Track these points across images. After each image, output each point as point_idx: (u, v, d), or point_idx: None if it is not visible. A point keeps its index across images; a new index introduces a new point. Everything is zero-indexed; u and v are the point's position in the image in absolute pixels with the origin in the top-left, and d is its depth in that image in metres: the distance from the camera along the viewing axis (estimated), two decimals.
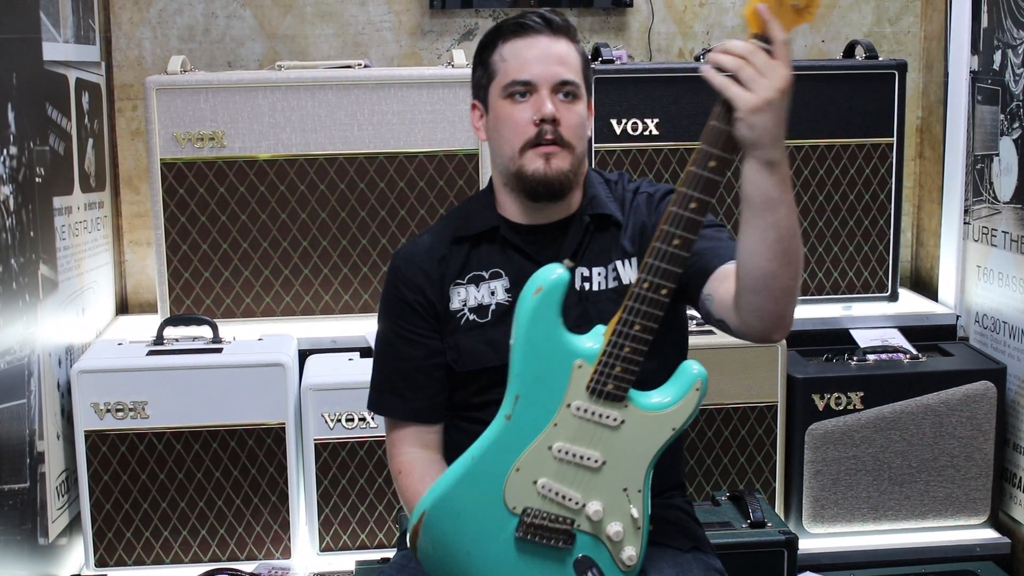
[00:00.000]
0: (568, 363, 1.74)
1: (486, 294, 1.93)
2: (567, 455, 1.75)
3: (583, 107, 1.89)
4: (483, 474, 1.77)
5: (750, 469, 2.98)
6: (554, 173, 1.85)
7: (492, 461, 1.77)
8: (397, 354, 1.97)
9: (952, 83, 3.33)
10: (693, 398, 1.74)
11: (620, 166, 3.13)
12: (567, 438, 1.75)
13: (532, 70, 1.85)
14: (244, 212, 3.07)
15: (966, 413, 2.98)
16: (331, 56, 3.44)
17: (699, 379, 1.75)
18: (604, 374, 1.72)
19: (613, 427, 1.74)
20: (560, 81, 1.86)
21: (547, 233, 1.93)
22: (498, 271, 1.93)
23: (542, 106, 1.84)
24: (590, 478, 1.75)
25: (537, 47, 1.86)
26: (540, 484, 1.76)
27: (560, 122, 1.84)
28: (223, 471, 2.81)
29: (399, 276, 1.97)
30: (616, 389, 1.72)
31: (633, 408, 1.73)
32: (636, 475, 1.75)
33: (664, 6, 3.53)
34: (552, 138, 1.84)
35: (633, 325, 1.70)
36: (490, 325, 1.92)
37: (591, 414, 1.74)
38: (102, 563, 2.81)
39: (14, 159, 2.51)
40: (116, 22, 3.40)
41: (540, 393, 1.75)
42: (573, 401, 1.74)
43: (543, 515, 1.76)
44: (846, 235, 3.25)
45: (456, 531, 1.79)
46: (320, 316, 3.12)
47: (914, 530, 3.01)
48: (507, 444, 1.76)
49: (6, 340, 2.45)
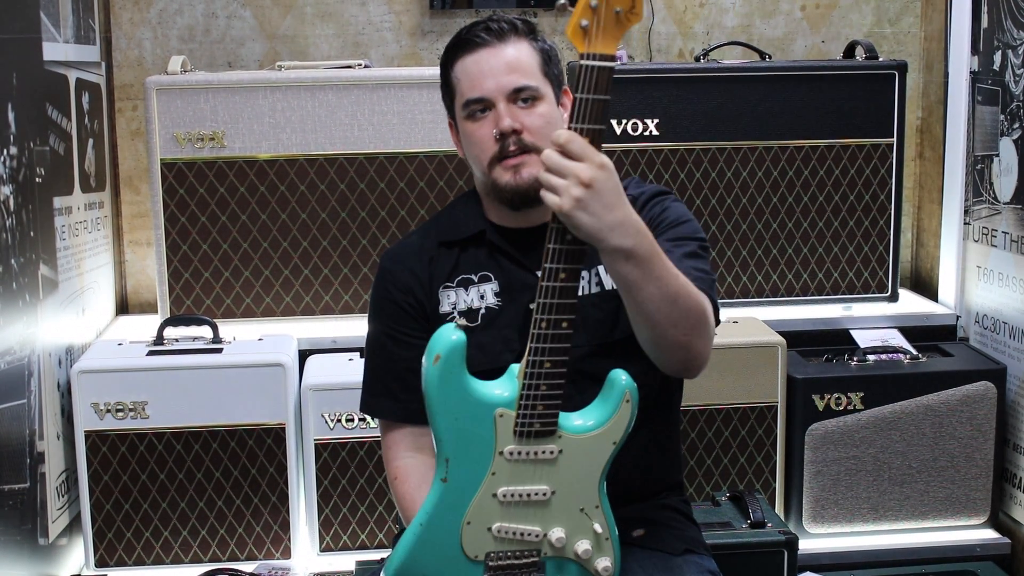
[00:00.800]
0: (488, 415, 1.73)
1: (475, 298, 1.93)
2: (513, 496, 1.75)
3: (546, 107, 1.86)
4: (435, 536, 1.77)
5: (750, 469, 2.98)
6: (525, 182, 1.83)
7: (441, 522, 1.77)
8: (389, 355, 1.97)
9: (952, 83, 3.33)
10: (626, 411, 1.72)
11: (620, 166, 3.12)
12: (508, 482, 1.74)
13: (483, 86, 1.83)
14: (244, 212, 3.07)
15: (966, 413, 2.98)
16: (331, 56, 3.44)
17: (627, 391, 1.72)
18: (528, 416, 1.72)
19: (552, 459, 1.73)
20: (513, 89, 1.83)
21: (533, 236, 1.91)
22: (487, 274, 1.93)
23: (500, 120, 1.82)
24: (544, 510, 1.75)
25: (485, 61, 1.84)
26: (495, 529, 1.76)
27: (522, 129, 1.82)
28: (223, 471, 2.81)
29: (388, 277, 1.97)
30: (544, 426, 1.72)
31: (567, 436, 1.73)
32: (589, 494, 1.75)
33: (664, 6, 3.53)
34: (515, 149, 1.83)
35: (543, 364, 1.70)
36: (480, 329, 1.91)
37: (526, 455, 1.73)
38: (102, 563, 2.81)
39: (14, 159, 2.51)
40: (116, 22, 3.40)
41: (469, 450, 1.75)
42: (504, 448, 1.74)
43: (506, 555, 1.76)
44: (846, 235, 3.25)
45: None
46: (320, 316, 3.12)
47: (914, 530, 3.01)
48: (450, 504, 1.76)
49: (6, 340, 2.45)
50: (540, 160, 1.63)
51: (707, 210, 3.18)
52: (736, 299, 3.21)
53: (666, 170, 3.15)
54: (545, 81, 1.87)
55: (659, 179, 3.14)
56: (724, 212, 3.19)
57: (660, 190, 1.97)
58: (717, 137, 3.16)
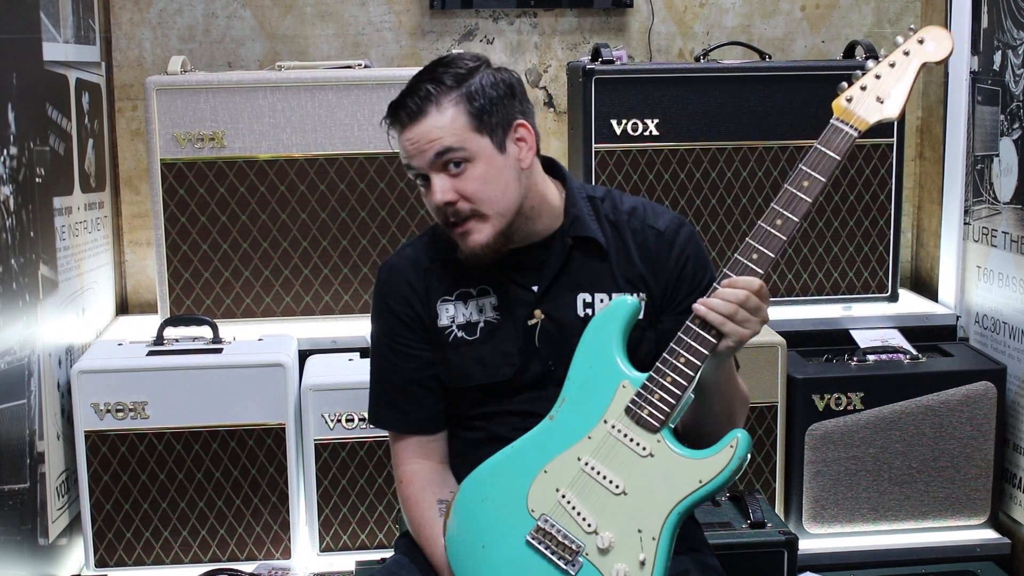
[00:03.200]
0: (616, 381, 1.77)
1: (474, 311, 1.93)
2: (593, 471, 1.75)
3: (481, 166, 1.80)
4: (516, 466, 1.80)
5: (750, 469, 2.98)
6: (475, 248, 1.83)
7: (526, 456, 1.80)
8: (391, 367, 1.97)
9: (952, 83, 3.33)
10: (727, 454, 1.70)
11: (620, 166, 3.13)
12: (597, 454, 1.75)
13: (412, 160, 1.82)
14: (244, 212, 3.07)
15: (966, 413, 2.98)
16: (331, 56, 3.44)
17: (736, 436, 1.71)
18: (643, 398, 1.74)
19: (641, 456, 1.73)
20: (435, 155, 1.80)
21: (528, 255, 1.91)
22: (485, 288, 1.92)
23: (432, 195, 1.81)
24: (609, 505, 1.74)
25: (409, 138, 1.82)
26: (561, 494, 1.76)
27: (456, 199, 1.80)
28: (223, 471, 2.81)
29: (386, 289, 1.96)
30: (651, 417, 1.73)
31: (665, 444, 1.73)
32: (654, 520, 1.71)
33: (664, 6, 3.53)
34: (454, 220, 1.82)
35: (679, 356, 1.73)
36: (479, 343, 1.91)
37: (623, 436, 1.74)
38: (102, 563, 2.81)
39: (14, 159, 2.51)
40: (116, 22, 3.40)
41: (584, 402, 1.78)
42: (611, 419, 1.75)
43: (557, 527, 1.76)
44: (846, 235, 3.25)
45: (479, 517, 1.81)
46: (320, 316, 3.12)
47: (914, 530, 3.01)
48: (543, 443, 1.79)
49: (6, 340, 2.45)
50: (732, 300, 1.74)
51: (707, 210, 3.18)
52: None
53: (666, 170, 3.15)
54: (478, 136, 1.81)
55: (659, 179, 3.14)
56: (724, 212, 3.19)
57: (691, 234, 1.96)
58: (717, 137, 3.16)
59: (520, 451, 1.81)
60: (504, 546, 1.78)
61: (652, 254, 1.91)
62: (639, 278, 1.91)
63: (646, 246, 1.92)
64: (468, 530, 1.82)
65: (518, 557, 1.77)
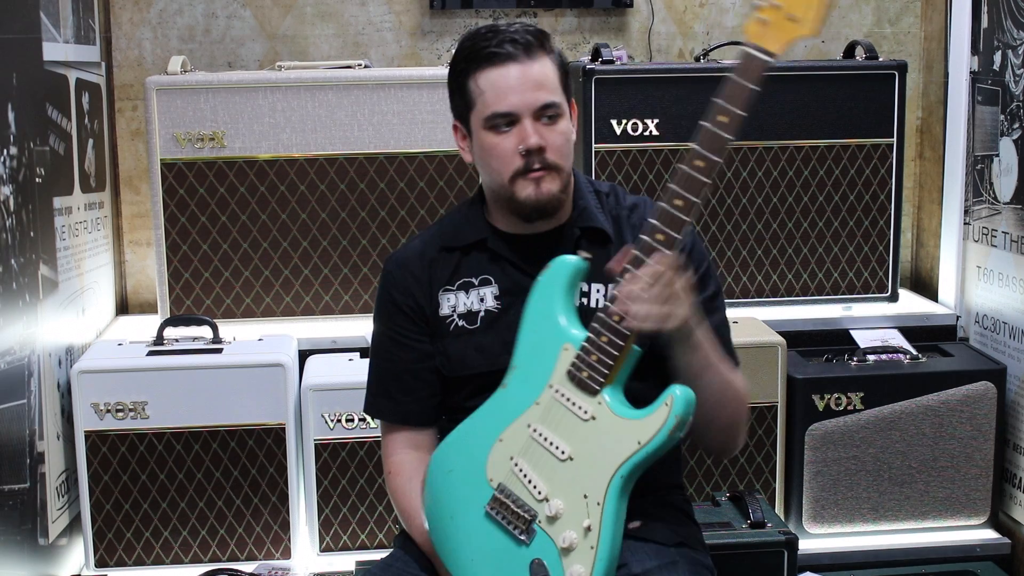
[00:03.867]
0: (559, 344, 1.75)
1: (475, 300, 1.94)
2: (541, 438, 1.75)
3: (566, 123, 1.87)
4: (475, 436, 1.81)
5: (750, 469, 2.98)
6: (545, 196, 1.85)
7: (484, 426, 1.80)
8: (389, 357, 2.00)
9: (952, 83, 3.33)
10: (661, 413, 1.67)
11: (620, 167, 3.13)
12: (544, 420, 1.75)
13: (511, 101, 1.83)
14: (244, 212, 3.07)
15: (966, 413, 2.98)
16: (331, 56, 3.44)
17: (672, 393, 1.67)
18: (582, 360, 1.73)
19: (584, 420, 1.72)
20: (541, 106, 1.83)
21: (536, 243, 1.92)
22: (487, 278, 1.94)
23: (527, 137, 1.82)
24: (557, 471, 1.73)
25: (512, 76, 1.83)
26: (514, 462, 1.76)
27: (546, 148, 1.83)
28: (223, 471, 2.81)
29: (390, 280, 1.99)
30: (590, 379, 1.72)
31: (605, 407, 1.71)
32: (598, 483, 1.70)
33: (664, 6, 3.53)
34: (539, 166, 1.83)
35: (613, 316, 1.71)
36: (479, 331, 1.93)
37: (566, 400, 1.74)
38: (102, 563, 2.81)
39: (14, 159, 2.51)
40: (116, 22, 3.40)
41: (532, 368, 1.78)
42: (555, 383, 1.75)
43: (512, 497, 1.76)
44: (846, 235, 3.25)
45: (446, 488, 1.83)
46: (320, 316, 3.13)
47: (914, 530, 3.01)
48: (499, 412, 1.79)
49: (6, 340, 2.45)
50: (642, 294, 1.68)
51: (707, 210, 3.18)
52: (736, 299, 3.21)
53: (666, 170, 3.15)
54: (563, 96, 1.88)
55: (659, 179, 3.14)
56: (724, 212, 3.19)
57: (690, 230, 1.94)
58: None
59: (479, 421, 1.82)
60: (468, 517, 1.80)
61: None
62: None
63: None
64: (438, 502, 1.84)
65: (480, 527, 1.78)
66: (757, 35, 1.65)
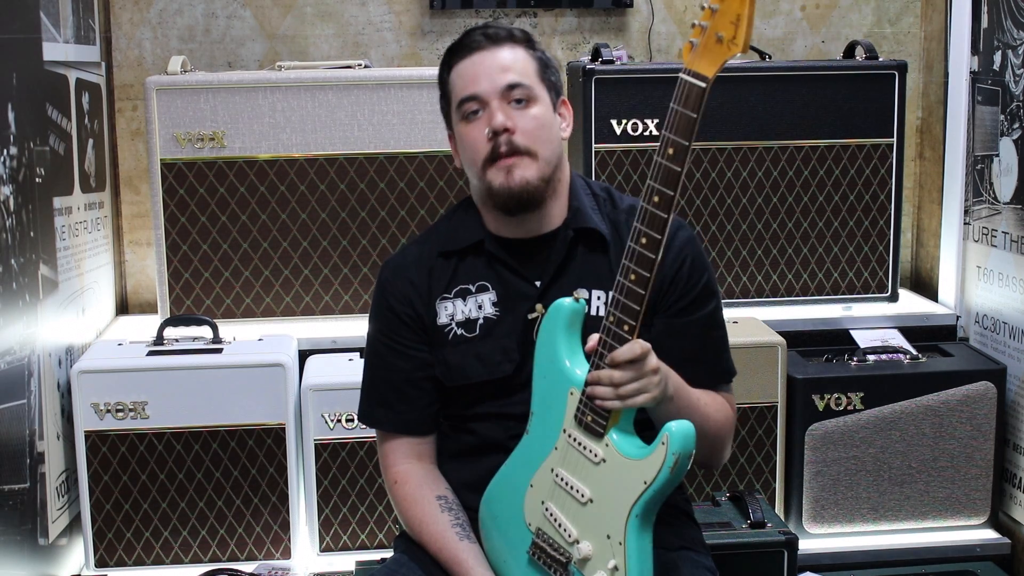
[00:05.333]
0: (565, 388, 1.76)
1: (473, 308, 1.93)
2: (563, 483, 1.77)
3: (540, 109, 1.86)
4: (511, 482, 1.84)
5: (750, 469, 2.98)
6: (517, 184, 1.82)
7: (517, 471, 1.83)
8: (387, 365, 1.97)
9: (952, 83, 3.33)
10: (660, 453, 1.66)
11: (620, 167, 3.13)
12: (564, 464, 1.77)
13: (477, 84, 1.84)
14: (244, 212, 3.07)
15: (966, 413, 2.98)
16: (331, 56, 3.44)
17: (667, 433, 1.66)
18: (585, 403, 1.73)
19: (595, 463, 1.73)
20: (506, 86, 1.83)
21: (531, 247, 1.91)
22: (484, 284, 1.92)
23: (492, 118, 1.82)
24: (581, 514, 1.75)
25: (480, 62, 1.85)
26: (546, 507, 1.79)
27: (514, 130, 1.82)
28: (223, 471, 2.81)
29: (387, 288, 1.96)
30: (594, 423, 1.73)
31: (612, 449, 1.72)
32: (617, 524, 1.71)
33: (664, 6, 3.53)
34: (506, 149, 1.82)
35: (603, 358, 1.71)
36: (478, 339, 1.91)
37: (579, 444, 1.75)
38: (102, 563, 2.81)
39: (14, 159, 2.51)
40: (116, 22, 3.40)
41: (547, 414, 1.79)
42: (568, 428, 1.76)
43: (549, 541, 1.79)
44: (846, 235, 3.25)
45: (496, 534, 1.87)
46: (320, 316, 3.13)
47: (914, 530, 3.01)
48: (527, 457, 1.82)
49: (6, 340, 2.45)
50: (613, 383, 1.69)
51: (707, 210, 3.18)
52: (736, 299, 3.21)
53: None
54: (540, 85, 1.87)
55: None
56: (724, 212, 3.19)
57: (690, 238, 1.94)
58: (717, 137, 3.16)
59: (512, 467, 1.84)
60: (517, 562, 1.84)
61: None
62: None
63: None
64: (492, 550, 1.88)
65: (527, 572, 1.82)
66: (690, 60, 1.63)
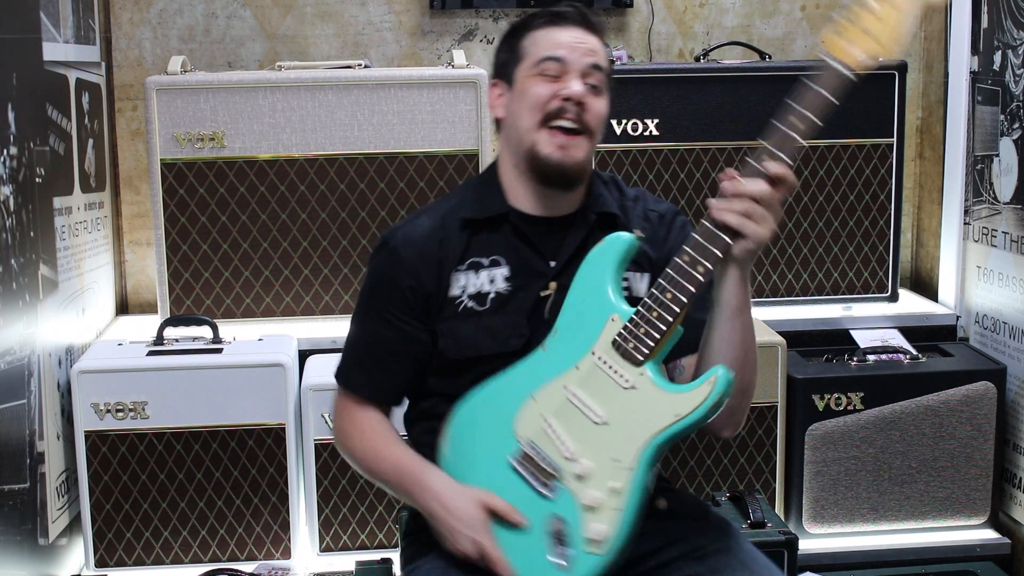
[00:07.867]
0: (606, 314, 1.79)
1: (485, 282, 1.92)
2: (577, 400, 1.78)
3: (605, 102, 1.92)
4: (506, 392, 1.85)
5: (750, 469, 2.98)
6: (570, 161, 1.87)
7: (517, 383, 1.84)
8: (374, 332, 1.96)
9: (952, 83, 3.33)
10: (704, 390, 1.71)
11: (620, 167, 3.13)
12: (583, 384, 1.79)
13: (568, 51, 1.88)
14: (244, 212, 3.07)
15: (966, 413, 2.98)
16: (331, 56, 3.44)
17: (716, 373, 1.72)
18: (630, 332, 1.76)
19: (624, 387, 1.76)
20: (592, 65, 1.88)
21: (553, 225, 1.93)
22: (498, 259, 1.93)
23: (571, 84, 1.86)
24: (590, 434, 1.77)
25: (575, 35, 1.89)
26: (546, 421, 1.80)
27: (586, 107, 1.87)
28: (223, 471, 2.81)
29: (395, 258, 1.94)
30: (635, 350, 1.75)
31: (646, 377, 1.75)
32: (630, 449, 1.74)
33: (664, 6, 3.53)
34: (573, 118, 1.86)
35: (665, 292, 1.74)
36: (488, 313, 1.91)
37: (609, 367, 1.77)
38: (102, 563, 2.81)
39: (14, 159, 2.51)
40: (116, 22, 3.40)
41: (574, 334, 1.81)
42: (599, 351, 1.78)
43: (539, 452, 1.79)
44: (846, 235, 3.25)
45: (471, 439, 1.87)
46: (320, 316, 3.12)
47: (914, 530, 3.01)
48: (534, 371, 1.83)
49: (6, 340, 2.45)
50: (747, 193, 1.73)
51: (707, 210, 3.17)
52: None
53: (666, 170, 3.15)
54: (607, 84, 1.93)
55: (659, 179, 3.14)
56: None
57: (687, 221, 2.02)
58: (717, 137, 3.16)
59: (511, 378, 1.85)
60: (491, 467, 1.83)
61: (651, 234, 1.97)
62: (644, 257, 1.95)
63: (651, 226, 1.98)
64: (460, 452, 1.88)
65: (502, 478, 1.82)
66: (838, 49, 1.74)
